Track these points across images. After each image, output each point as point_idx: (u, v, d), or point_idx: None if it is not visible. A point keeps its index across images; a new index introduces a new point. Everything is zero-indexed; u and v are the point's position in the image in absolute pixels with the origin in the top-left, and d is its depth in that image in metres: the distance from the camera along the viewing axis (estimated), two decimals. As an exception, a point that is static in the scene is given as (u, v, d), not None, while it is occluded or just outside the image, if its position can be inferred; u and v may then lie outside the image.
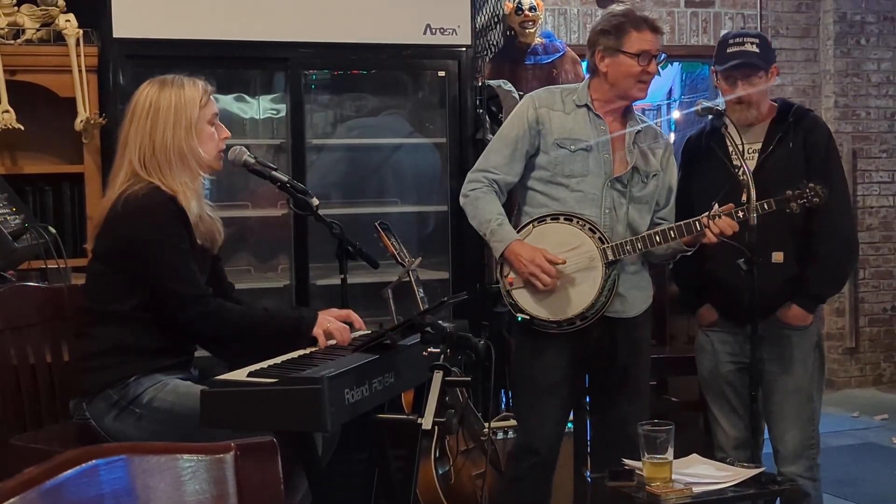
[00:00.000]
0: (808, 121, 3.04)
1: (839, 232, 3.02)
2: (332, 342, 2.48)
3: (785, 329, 3.01)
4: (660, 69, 2.98)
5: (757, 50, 2.97)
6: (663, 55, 2.93)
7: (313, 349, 2.45)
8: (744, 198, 2.83)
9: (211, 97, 2.54)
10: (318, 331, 2.48)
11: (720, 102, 3.01)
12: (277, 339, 2.46)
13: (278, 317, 2.55)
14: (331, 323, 2.49)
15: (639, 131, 2.96)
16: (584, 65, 4.50)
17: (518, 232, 2.89)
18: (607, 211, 2.88)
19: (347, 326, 2.53)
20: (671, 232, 2.83)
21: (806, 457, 3.00)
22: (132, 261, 2.42)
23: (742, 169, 2.90)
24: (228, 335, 2.50)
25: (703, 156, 3.07)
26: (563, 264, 2.81)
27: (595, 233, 2.82)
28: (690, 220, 2.82)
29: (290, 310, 2.62)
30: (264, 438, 1.09)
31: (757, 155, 2.99)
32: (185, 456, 1.00)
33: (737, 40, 3.02)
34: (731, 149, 3.03)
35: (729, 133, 2.92)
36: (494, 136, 3.06)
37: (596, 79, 2.94)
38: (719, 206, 2.78)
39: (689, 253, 2.93)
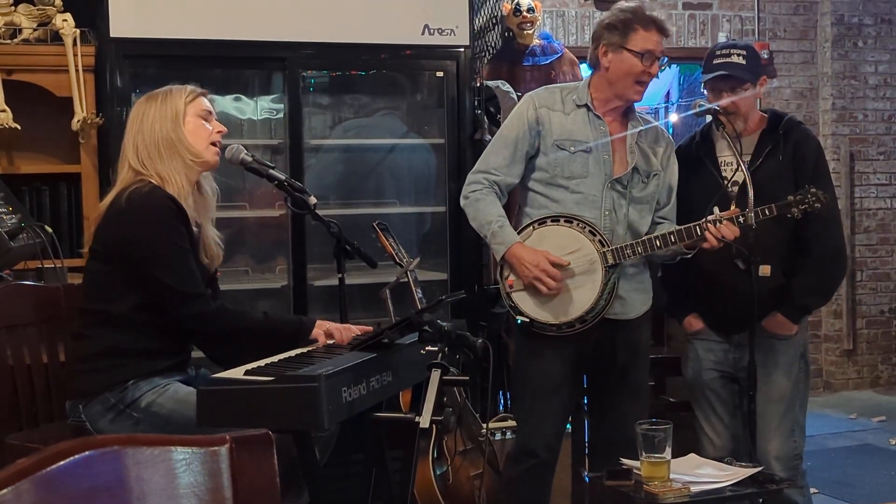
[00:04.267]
0: (798, 133, 3.04)
1: (829, 245, 3.02)
2: (332, 341, 2.49)
3: (770, 338, 3.00)
4: (659, 72, 2.97)
5: (743, 62, 2.96)
6: (665, 58, 2.91)
7: (311, 348, 2.44)
8: (733, 208, 2.83)
9: (200, 97, 2.57)
10: (317, 331, 2.51)
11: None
12: (277, 343, 2.46)
13: (278, 320, 2.57)
14: (334, 324, 2.51)
15: (640, 131, 2.95)
16: (582, 66, 4.54)
17: (518, 234, 2.87)
18: (607, 212, 2.87)
19: (349, 326, 2.54)
20: (671, 236, 2.82)
21: (790, 466, 3.00)
22: (132, 257, 2.42)
23: (730, 180, 2.92)
24: (227, 336, 2.50)
25: (692, 166, 3.07)
26: (567, 266, 2.80)
27: (595, 235, 2.81)
28: (691, 224, 2.81)
29: (289, 314, 2.64)
30: (259, 431, 1.08)
31: (747, 166, 2.98)
32: (180, 448, 0.99)
33: (723, 51, 3.02)
34: (720, 160, 3.03)
35: (723, 140, 2.93)
36: (494, 137, 3.04)
37: (597, 75, 2.93)
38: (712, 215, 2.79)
39: (689, 255, 2.93)
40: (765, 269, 2.96)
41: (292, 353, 2.40)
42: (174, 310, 2.42)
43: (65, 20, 3.41)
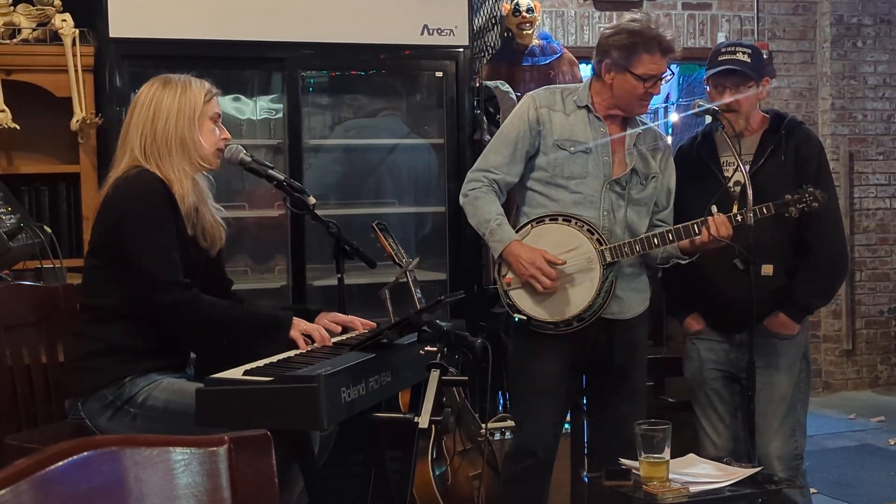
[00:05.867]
0: (800, 133, 3.05)
1: (830, 245, 3.03)
2: (315, 346, 2.46)
3: (772, 338, 3.01)
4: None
5: (748, 60, 2.97)
6: (669, 74, 2.89)
7: (297, 351, 2.42)
8: (734, 209, 2.84)
9: (215, 97, 2.56)
10: (295, 333, 2.44)
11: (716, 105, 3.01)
12: (251, 338, 2.44)
13: (253, 315, 2.52)
14: (311, 324, 2.46)
15: (639, 133, 2.96)
16: (581, 66, 4.54)
17: (516, 232, 2.88)
18: (605, 213, 2.88)
19: (353, 319, 2.50)
20: (669, 235, 2.83)
21: (791, 466, 3.00)
22: (117, 242, 2.40)
23: (732, 180, 2.92)
24: (200, 328, 2.46)
25: (693, 166, 3.07)
26: (563, 265, 2.81)
27: (593, 234, 2.82)
28: (689, 223, 2.82)
29: (267, 308, 2.59)
30: (258, 432, 1.08)
31: (748, 167, 2.99)
32: (178, 449, 1.00)
33: (729, 49, 3.03)
34: (722, 160, 3.04)
35: (725, 140, 2.93)
36: (494, 136, 3.05)
37: (599, 83, 2.93)
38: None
39: (684, 262, 2.93)
40: (767, 269, 2.96)
41: (291, 353, 2.39)
42: (145, 298, 2.38)
43: (64, 20, 3.41)
